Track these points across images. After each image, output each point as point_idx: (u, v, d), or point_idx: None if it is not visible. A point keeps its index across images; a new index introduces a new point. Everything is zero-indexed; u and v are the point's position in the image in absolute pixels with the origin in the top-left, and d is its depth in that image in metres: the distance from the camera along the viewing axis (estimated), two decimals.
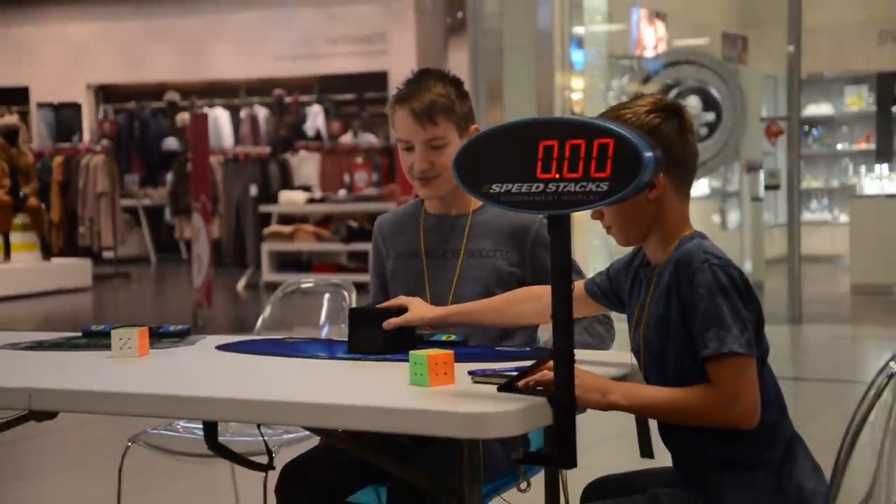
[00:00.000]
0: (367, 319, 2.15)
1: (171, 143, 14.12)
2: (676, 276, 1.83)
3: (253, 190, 11.93)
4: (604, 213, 1.92)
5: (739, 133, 8.81)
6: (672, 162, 1.87)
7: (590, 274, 2.21)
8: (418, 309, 2.17)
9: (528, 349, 2.25)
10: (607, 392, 1.79)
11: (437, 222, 2.42)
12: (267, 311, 3.02)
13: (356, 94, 14.71)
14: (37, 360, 2.23)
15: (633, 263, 2.00)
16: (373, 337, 2.14)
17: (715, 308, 1.78)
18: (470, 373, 1.87)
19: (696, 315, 1.79)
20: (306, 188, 11.55)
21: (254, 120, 14.48)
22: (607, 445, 4.11)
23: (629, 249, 2.03)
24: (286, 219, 11.02)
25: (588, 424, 2.05)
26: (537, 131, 1.72)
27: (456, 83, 2.40)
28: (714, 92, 8.42)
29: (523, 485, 1.88)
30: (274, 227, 10.68)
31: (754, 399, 1.78)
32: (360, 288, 3.05)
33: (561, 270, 1.70)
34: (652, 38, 9.77)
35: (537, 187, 1.70)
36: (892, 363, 1.82)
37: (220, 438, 2.35)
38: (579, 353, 1.75)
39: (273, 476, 2.34)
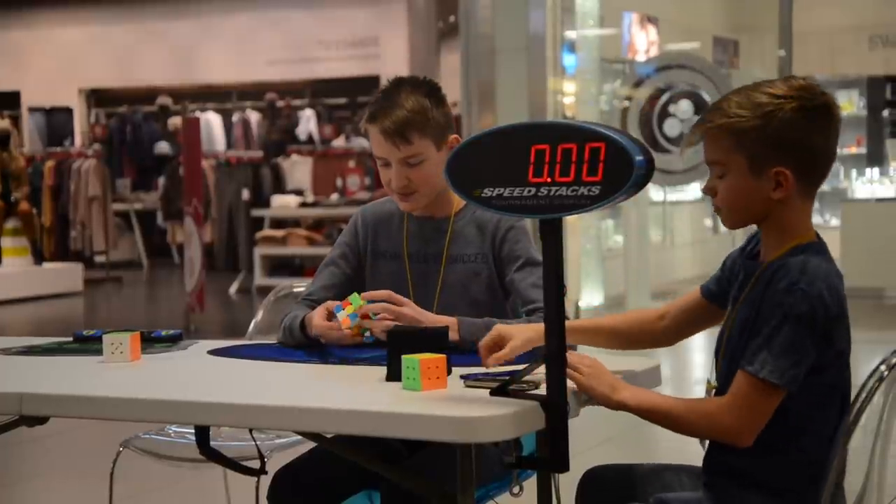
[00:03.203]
0: (412, 341, 1.93)
1: (162, 147, 14.10)
2: (769, 287, 1.78)
3: (245, 194, 11.91)
4: (717, 191, 1.84)
5: None
6: (807, 163, 1.80)
7: (570, 287, 2.20)
8: (522, 332, 1.94)
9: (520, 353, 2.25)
10: (617, 389, 1.80)
11: (420, 225, 2.40)
12: (259, 315, 3.02)
13: (348, 99, 14.71)
14: (28, 365, 2.22)
15: (745, 249, 1.93)
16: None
17: (778, 333, 1.74)
18: (462, 377, 1.87)
19: (763, 329, 1.76)
20: (299, 192, 11.53)
21: (246, 124, 14.46)
22: (599, 449, 4.11)
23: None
24: (278, 223, 11.00)
25: (580, 428, 2.05)
26: (529, 135, 1.72)
27: (432, 91, 2.32)
28: (706, 96, 8.44)
29: (516, 489, 1.89)
30: (266, 232, 10.66)
31: (760, 426, 1.77)
32: None
33: (553, 274, 1.70)
34: (644, 43, 9.78)
35: (529, 191, 1.70)
36: (882, 367, 1.83)
37: (212, 443, 2.35)
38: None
39: (265, 481, 2.33)
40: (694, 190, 10.25)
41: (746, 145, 1.79)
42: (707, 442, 1.91)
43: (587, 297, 8.38)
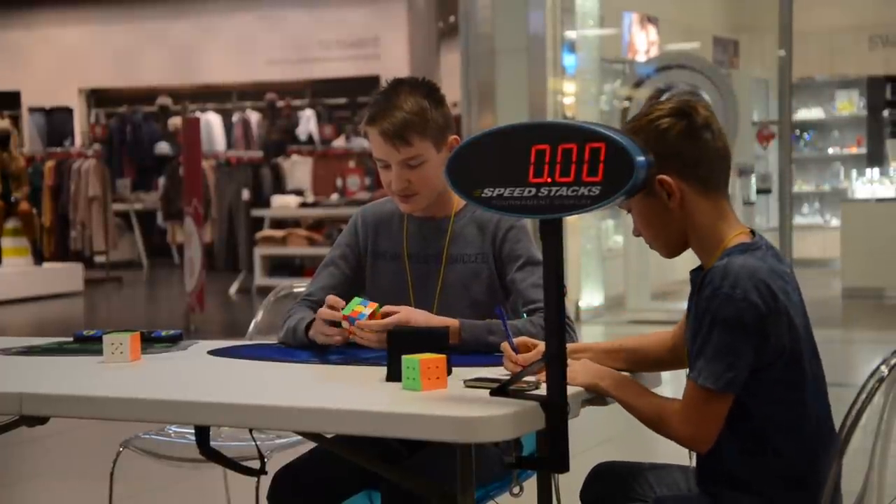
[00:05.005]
0: (412, 341, 1.93)
1: (163, 147, 14.10)
2: (699, 296, 1.82)
3: (245, 194, 11.91)
4: (640, 230, 1.91)
5: (731, 137, 8.83)
6: (684, 165, 1.84)
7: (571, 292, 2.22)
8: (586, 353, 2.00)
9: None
10: (603, 377, 1.86)
11: (420, 225, 2.39)
12: (259, 315, 3.02)
13: (348, 99, 14.71)
14: (28, 365, 2.22)
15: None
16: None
17: (709, 339, 1.77)
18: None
19: (697, 337, 1.80)
20: (299, 192, 11.53)
21: (246, 124, 14.47)
22: (599, 449, 4.11)
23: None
24: (278, 223, 11.00)
25: (580, 428, 2.05)
26: (529, 135, 1.72)
27: (430, 92, 2.32)
28: (706, 96, 8.44)
29: (516, 489, 1.89)
30: (266, 232, 10.66)
31: (711, 433, 1.80)
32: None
33: (553, 274, 1.70)
34: (644, 43, 9.78)
35: (529, 191, 1.70)
36: (882, 367, 1.83)
37: (213, 443, 2.35)
38: None
39: (265, 481, 2.33)
40: None
41: None
42: None
43: (587, 297, 8.39)
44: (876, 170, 10.69)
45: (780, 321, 1.78)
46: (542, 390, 1.73)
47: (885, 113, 11.81)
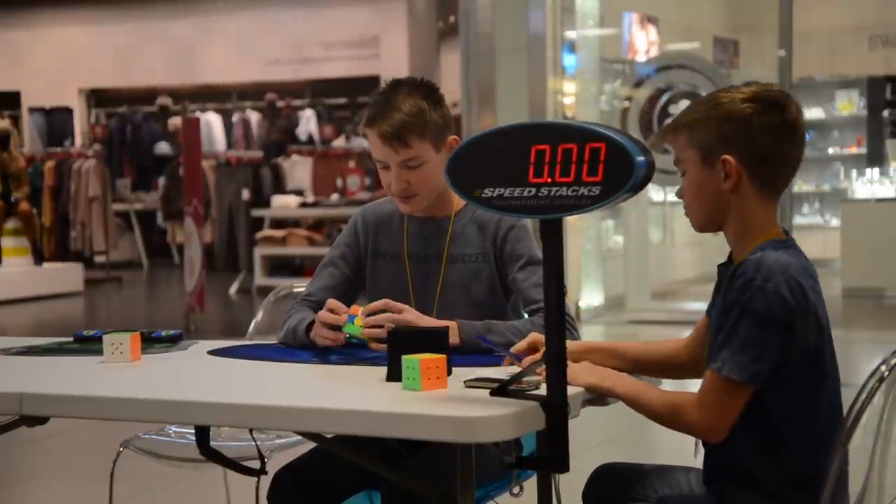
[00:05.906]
0: (413, 341, 1.92)
1: (163, 147, 14.10)
2: (730, 287, 1.80)
3: (245, 194, 11.91)
4: (685, 194, 1.89)
5: None
6: (757, 157, 1.82)
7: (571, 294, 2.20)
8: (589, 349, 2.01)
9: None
10: (606, 377, 1.84)
11: (420, 225, 2.39)
12: (259, 315, 3.02)
13: (348, 99, 14.72)
14: (28, 365, 2.22)
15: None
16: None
17: (737, 330, 1.76)
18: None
19: (723, 328, 1.79)
20: (299, 192, 11.54)
21: (246, 124, 14.47)
22: (599, 449, 4.11)
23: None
24: (278, 223, 11.00)
25: (580, 428, 2.05)
26: (529, 135, 1.72)
27: (429, 92, 2.31)
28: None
29: (516, 489, 1.89)
30: (266, 232, 10.66)
31: (728, 424, 1.79)
32: None
33: (553, 274, 1.70)
34: (644, 43, 9.77)
35: (529, 191, 1.70)
36: (882, 367, 1.83)
37: (213, 443, 2.35)
38: None
39: (265, 481, 2.33)
40: None
41: (696, 137, 1.85)
42: (699, 442, 1.92)
43: (587, 297, 8.39)
44: (876, 170, 10.69)
45: (808, 318, 1.78)
46: (542, 390, 1.73)
47: (885, 113, 11.81)
